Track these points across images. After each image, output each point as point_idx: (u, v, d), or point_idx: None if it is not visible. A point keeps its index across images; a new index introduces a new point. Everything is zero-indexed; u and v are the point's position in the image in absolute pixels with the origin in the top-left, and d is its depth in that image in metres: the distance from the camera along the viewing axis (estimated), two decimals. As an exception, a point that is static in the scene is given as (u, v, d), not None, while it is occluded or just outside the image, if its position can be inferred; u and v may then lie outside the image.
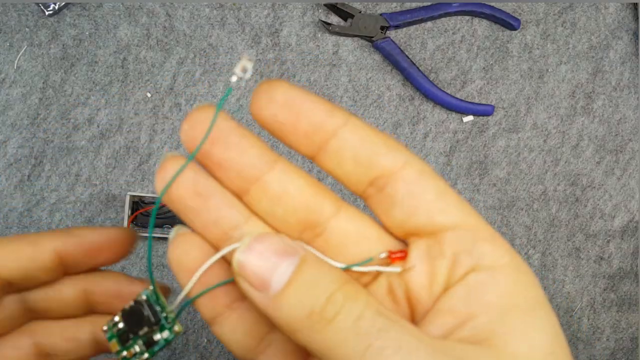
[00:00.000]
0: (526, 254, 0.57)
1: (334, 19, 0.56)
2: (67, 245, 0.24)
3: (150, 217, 0.51)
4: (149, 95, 0.54)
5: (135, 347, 0.22)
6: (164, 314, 0.22)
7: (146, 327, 0.22)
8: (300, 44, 0.56)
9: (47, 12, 0.53)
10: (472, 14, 0.57)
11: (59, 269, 0.25)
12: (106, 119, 0.54)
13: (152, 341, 0.22)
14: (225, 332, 0.22)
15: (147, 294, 0.22)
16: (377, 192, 0.21)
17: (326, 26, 0.55)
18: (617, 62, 0.58)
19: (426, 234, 0.21)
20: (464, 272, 0.20)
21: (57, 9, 0.53)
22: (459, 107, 0.56)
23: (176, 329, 0.22)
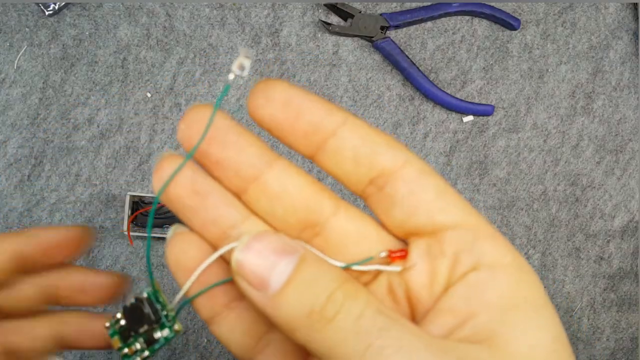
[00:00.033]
0: (526, 254, 0.57)
1: (334, 19, 0.56)
2: (24, 246, 0.25)
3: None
4: (149, 95, 0.54)
5: (136, 344, 0.22)
6: (165, 312, 0.22)
7: (147, 325, 0.22)
8: (300, 44, 0.56)
9: (47, 12, 0.53)
10: (472, 14, 0.57)
11: (18, 270, 0.25)
12: (106, 119, 0.54)
13: (153, 339, 0.22)
14: (223, 331, 0.22)
15: (148, 291, 0.22)
16: (377, 191, 0.21)
17: (326, 26, 0.55)
18: (617, 62, 0.58)
19: (426, 233, 0.21)
20: (465, 271, 0.20)
21: (57, 9, 0.53)
22: (459, 107, 0.56)
23: (176, 327, 0.22)
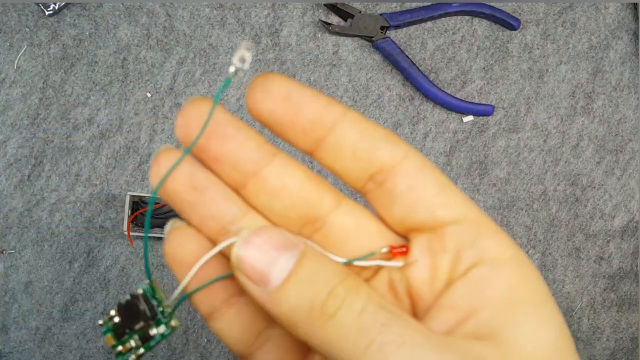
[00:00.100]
0: (526, 253, 0.57)
1: (334, 19, 0.56)
2: None
3: (151, 215, 0.51)
4: (149, 95, 0.54)
5: (130, 341, 0.22)
6: (161, 309, 0.22)
7: (142, 322, 0.21)
8: (300, 44, 0.56)
9: (47, 12, 0.53)
10: (472, 14, 0.57)
11: None
12: (106, 119, 0.54)
13: (148, 336, 0.22)
14: (222, 327, 0.22)
15: (144, 287, 0.22)
16: (377, 187, 0.21)
17: (326, 26, 0.55)
18: (617, 62, 0.58)
19: (427, 229, 0.20)
20: (467, 267, 0.20)
21: (57, 9, 0.53)
22: (459, 107, 0.56)
23: (173, 323, 0.22)
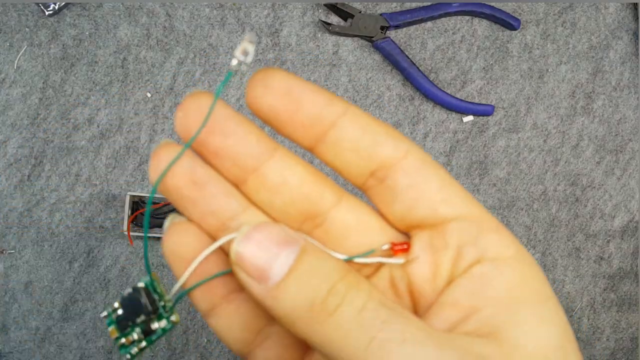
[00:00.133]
0: (526, 254, 0.57)
1: (334, 19, 0.56)
2: None
3: (151, 215, 0.51)
4: (149, 95, 0.54)
5: (133, 334, 0.22)
6: (162, 303, 0.22)
7: (144, 315, 0.21)
8: (300, 44, 0.56)
9: (47, 12, 0.53)
10: (472, 14, 0.57)
11: None
12: (106, 119, 0.54)
13: (150, 330, 0.22)
14: (221, 324, 0.22)
15: (145, 281, 0.22)
16: (378, 184, 0.21)
17: (326, 26, 0.55)
18: (617, 62, 0.58)
19: (429, 225, 0.20)
20: (468, 264, 0.19)
21: (57, 9, 0.53)
22: (459, 107, 0.56)
23: (173, 318, 0.22)
